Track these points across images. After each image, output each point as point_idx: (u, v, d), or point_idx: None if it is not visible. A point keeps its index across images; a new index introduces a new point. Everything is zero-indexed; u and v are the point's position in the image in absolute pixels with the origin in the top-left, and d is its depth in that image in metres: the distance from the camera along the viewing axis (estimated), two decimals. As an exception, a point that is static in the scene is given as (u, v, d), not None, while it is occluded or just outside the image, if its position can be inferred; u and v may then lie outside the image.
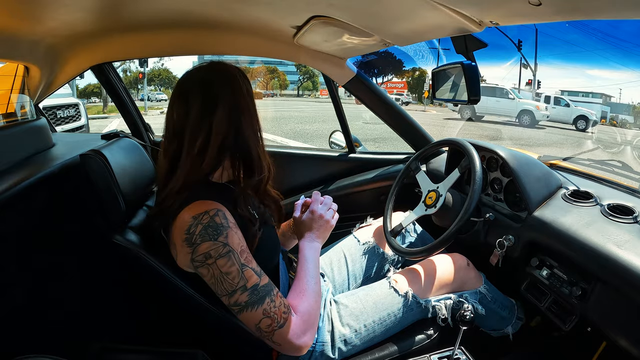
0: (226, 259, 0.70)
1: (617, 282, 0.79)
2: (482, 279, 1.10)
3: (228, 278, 0.70)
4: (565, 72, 26.92)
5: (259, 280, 0.72)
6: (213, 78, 0.79)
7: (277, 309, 0.72)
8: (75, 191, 0.96)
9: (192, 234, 0.71)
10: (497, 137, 9.88)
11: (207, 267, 0.71)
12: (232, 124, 0.77)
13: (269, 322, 0.71)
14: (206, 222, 0.70)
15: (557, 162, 1.28)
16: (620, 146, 8.27)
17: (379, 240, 1.22)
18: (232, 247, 0.71)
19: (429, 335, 1.00)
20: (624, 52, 20.70)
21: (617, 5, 0.60)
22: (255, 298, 0.71)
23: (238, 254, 0.71)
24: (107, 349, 0.77)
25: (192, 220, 0.71)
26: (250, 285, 0.71)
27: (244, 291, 0.70)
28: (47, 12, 0.89)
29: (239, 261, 0.71)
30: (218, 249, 0.70)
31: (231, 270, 0.70)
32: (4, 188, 0.79)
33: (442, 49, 15.25)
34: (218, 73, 0.80)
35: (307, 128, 9.60)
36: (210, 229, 0.70)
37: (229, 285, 0.70)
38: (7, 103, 1.15)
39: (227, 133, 0.77)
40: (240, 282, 0.70)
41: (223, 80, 0.79)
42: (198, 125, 0.76)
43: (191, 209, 0.72)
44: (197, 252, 0.71)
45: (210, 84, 0.78)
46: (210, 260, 0.70)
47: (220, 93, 0.77)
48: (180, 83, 0.81)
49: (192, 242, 0.71)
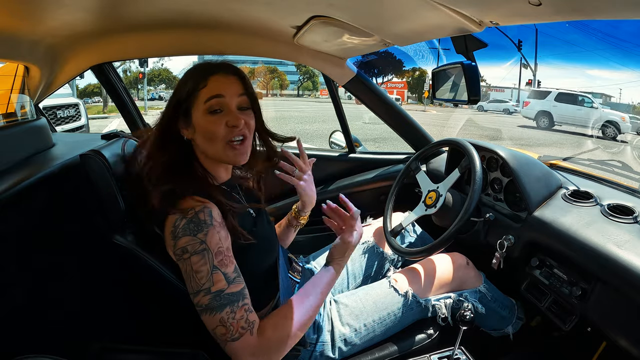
0: (200, 256, 0.70)
1: (617, 282, 0.79)
2: (481, 278, 1.10)
3: (197, 277, 0.70)
4: (565, 72, 26.92)
5: (225, 287, 0.70)
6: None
7: (235, 321, 0.70)
8: (75, 191, 0.96)
9: (176, 227, 0.71)
10: (497, 137, 9.88)
11: (183, 262, 0.71)
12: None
13: (224, 331, 0.70)
14: (190, 217, 0.71)
15: (557, 162, 1.28)
16: (620, 146, 8.26)
17: (379, 239, 1.22)
18: (209, 245, 0.70)
19: (429, 335, 1.00)
20: (624, 52, 20.72)
21: (617, 5, 0.60)
22: (215, 304, 0.69)
23: (213, 254, 0.71)
24: (107, 349, 0.77)
25: (179, 215, 0.72)
26: (214, 289, 0.70)
27: (207, 294, 0.69)
28: (47, 12, 0.89)
29: (212, 262, 0.70)
30: (195, 245, 0.70)
31: (201, 269, 0.70)
32: (4, 188, 0.79)
33: (442, 49, 15.27)
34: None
35: (307, 128, 9.61)
36: (193, 224, 0.71)
37: (195, 284, 0.70)
38: (7, 103, 1.15)
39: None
40: (206, 284, 0.70)
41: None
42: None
43: (181, 204, 0.73)
44: (177, 245, 0.71)
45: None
46: (186, 255, 0.70)
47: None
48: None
49: (175, 235, 0.71)
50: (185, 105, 0.78)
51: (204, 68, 0.79)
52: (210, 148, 0.79)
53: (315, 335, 0.92)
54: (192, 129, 0.78)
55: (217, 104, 0.77)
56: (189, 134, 0.79)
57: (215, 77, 0.78)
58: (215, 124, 0.77)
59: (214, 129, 0.77)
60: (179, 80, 0.81)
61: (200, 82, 0.77)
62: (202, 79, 0.77)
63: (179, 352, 0.80)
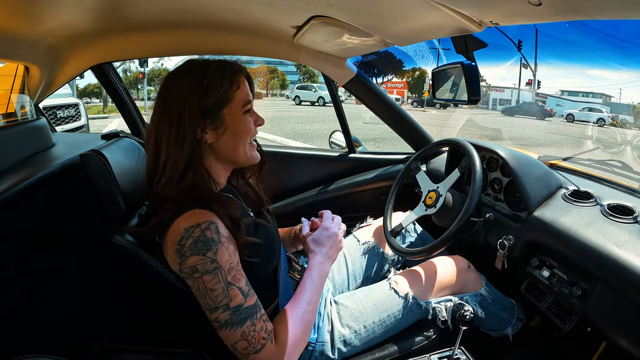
0: (212, 275, 0.69)
1: (617, 282, 0.79)
2: (482, 281, 1.10)
3: (212, 294, 0.69)
4: (565, 72, 26.91)
5: (243, 301, 0.70)
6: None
7: (257, 333, 0.70)
8: (75, 191, 0.96)
9: (183, 246, 0.70)
10: (497, 137, 9.88)
11: (193, 280, 0.70)
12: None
13: (245, 345, 0.70)
14: (197, 236, 0.69)
15: (557, 162, 1.28)
16: (620, 146, 8.26)
17: (379, 240, 1.22)
18: (220, 264, 0.70)
19: (429, 335, 1.00)
20: (624, 52, 20.71)
21: (617, 5, 0.60)
22: (236, 319, 0.69)
23: (226, 271, 0.70)
24: (107, 349, 0.77)
25: (184, 232, 0.70)
26: (233, 305, 0.69)
27: (226, 310, 0.69)
28: (47, 12, 0.89)
29: (225, 279, 0.70)
30: (205, 264, 0.69)
31: (216, 287, 0.69)
32: (4, 188, 0.79)
33: (442, 49, 15.26)
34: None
35: (307, 128, 9.60)
36: (200, 243, 0.69)
37: (212, 302, 0.69)
38: (7, 103, 1.15)
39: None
40: (223, 300, 0.69)
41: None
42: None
43: (185, 219, 0.71)
44: (185, 264, 0.70)
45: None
46: (197, 274, 0.69)
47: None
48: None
49: (182, 253, 0.70)
50: (216, 107, 0.76)
51: (228, 67, 0.79)
52: (238, 147, 0.81)
53: (314, 335, 0.92)
54: (221, 129, 0.77)
55: (251, 107, 0.82)
56: (212, 137, 0.77)
57: (242, 78, 0.80)
58: (251, 123, 0.81)
59: (249, 127, 0.81)
60: (196, 84, 0.75)
61: (233, 84, 0.78)
62: (235, 81, 0.78)
63: (179, 352, 0.80)
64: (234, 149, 0.80)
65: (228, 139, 0.78)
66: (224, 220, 0.74)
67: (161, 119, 0.76)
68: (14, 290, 0.83)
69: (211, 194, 0.78)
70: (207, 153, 0.79)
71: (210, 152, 0.80)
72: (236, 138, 0.79)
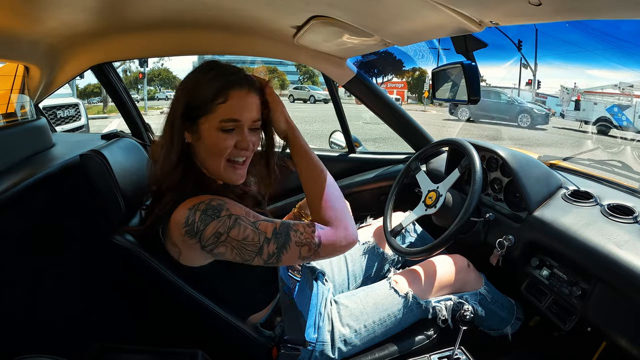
0: (237, 227, 0.70)
1: (617, 282, 0.79)
2: (482, 280, 1.10)
3: (248, 241, 0.71)
4: (565, 72, 26.90)
5: (274, 226, 0.73)
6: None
7: (306, 233, 0.73)
8: (75, 191, 0.96)
9: (192, 224, 0.70)
10: (497, 137, 9.87)
11: (223, 245, 0.70)
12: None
13: (307, 248, 0.73)
14: (203, 208, 0.71)
15: (557, 162, 1.28)
16: (620, 146, 8.25)
17: (379, 240, 1.22)
18: (237, 214, 0.71)
19: (429, 335, 1.00)
20: (624, 52, 20.69)
21: (617, 5, 0.60)
22: (281, 240, 0.72)
23: (245, 216, 0.72)
24: (107, 349, 0.77)
25: (188, 212, 0.71)
26: (270, 233, 0.72)
27: (269, 241, 0.71)
28: (47, 12, 0.89)
29: (249, 222, 0.72)
30: (225, 222, 0.70)
31: (247, 233, 0.71)
32: (4, 188, 0.79)
33: (442, 49, 15.24)
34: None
35: (307, 128, 9.60)
36: (210, 211, 0.70)
37: (252, 248, 0.71)
38: (7, 103, 1.15)
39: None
40: (260, 237, 0.71)
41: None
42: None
43: (186, 204, 0.72)
44: (205, 236, 0.70)
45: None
46: (223, 236, 0.70)
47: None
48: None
49: (196, 230, 0.70)
50: (195, 113, 0.74)
51: (225, 77, 0.74)
52: (211, 162, 0.77)
53: (315, 335, 0.92)
54: (196, 136, 0.76)
55: (232, 126, 0.74)
56: (189, 139, 0.77)
57: (236, 93, 0.73)
58: (225, 141, 0.74)
59: (222, 146, 0.74)
60: (189, 85, 0.76)
61: (219, 96, 0.72)
62: (222, 93, 0.72)
63: (178, 352, 0.80)
64: (208, 160, 0.78)
65: (201, 148, 0.77)
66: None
67: (166, 117, 0.79)
68: (14, 290, 0.83)
69: (209, 185, 0.79)
70: (194, 153, 0.80)
71: (195, 154, 0.80)
72: (207, 151, 0.76)
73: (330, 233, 0.75)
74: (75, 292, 0.98)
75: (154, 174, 0.79)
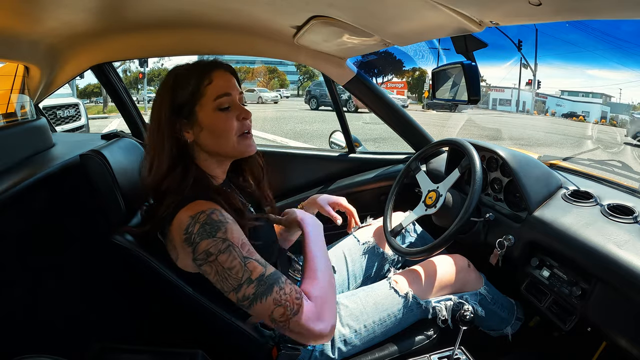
0: (227, 254, 0.69)
1: (617, 282, 0.79)
2: (482, 280, 1.10)
3: (232, 273, 0.69)
4: (565, 72, 26.88)
5: (264, 270, 0.71)
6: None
7: (288, 295, 0.70)
8: (75, 191, 0.96)
9: (191, 234, 0.70)
10: (497, 137, 9.87)
11: (210, 265, 0.70)
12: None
13: (282, 311, 0.69)
14: (203, 220, 0.70)
15: (557, 162, 1.28)
16: (620, 146, 8.25)
17: (379, 240, 1.22)
18: (232, 241, 0.70)
19: (429, 335, 1.00)
20: (624, 52, 20.68)
21: (617, 5, 0.60)
22: (262, 288, 0.69)
23: (239, 247, 0.70)
24: (107, 349, 0.77)
25: (190, 220, 0.71)
26: (255, 276, 0.69)
27: (250, 283, 0.69)
28: (47, 12, 0.89)
29: (240, 254, 0.70)
30: (217, 245, 0.69)
31: (234, 264, 0.69)
32: (4, 188, 0.79)
33: (442, 49, 15.22)
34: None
35: (307, 128, 9.59)
36: (208, 227, 0.70)
37: (234, 280, 0.69)
38: (7, 103, 1.15)
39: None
40: (244, 275, 0.69)
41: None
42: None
43: (188, 209, 0.72)
44: (198, 250, 0.70)
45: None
46: (212, 257, 0.69)
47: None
48: None
49: (192, 241, 0.70)
50: (188, 107, 0.77)
51: (202, 65, 0.79)
52: (221, 144, 0.79)
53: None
54: (197, 128, 0.78)
55: (227, 102, 0.78)
56: (191, 136, 0.79)
57: (217, 73, 0.78)
58: (227, 120, 0.78)
59: (226, 126, 0.78)
60: (169, 82, 0.78)
61: (203, 80, 0.77)
62: (205, 76, 0.77)
63: (178, 352, 0.80)
64: (217, 146, 0.80)
65: (207, 136, 0.79)
66: (225, 209, 0.75)
67: (150, 121, 0.80)
68: (14, 290, 0.83)
69: (209, 187, 0.79)
70: (197, 150, 0.81)
71: (199, 149, 0.81)
72: (215, 135, 0.78)
73: (312, 311, 0.71)
74: (75, 292, 0.98)
75: (152, 180, 0.78)
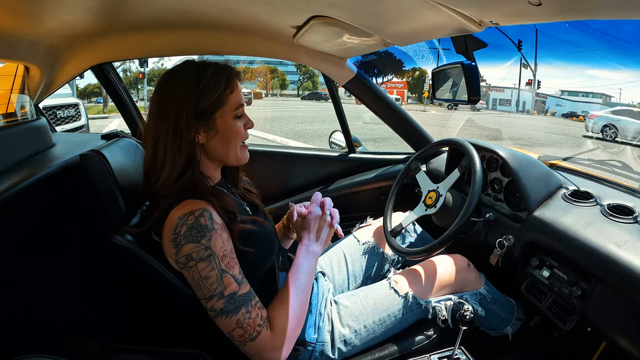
0: (206, 262, 0.70)
1: (617, 282, 0.79)
2: (482, 280, 1.10)
3: (207, 282, 0.70)
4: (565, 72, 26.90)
5: (237, 289, 0.71)
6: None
7: (252, 320, 0.72)
8: (75, 191, 0.96)
9: (178, 235, 0.71)
10: (497, 137, 9.87)
11: (189, 270, 0.71)
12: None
13: (241, 333, 0.71)
14: (190, 223, 0.70)
15: (557, 162, 1.28)
16: (620, 146, 8.25)
17: (379, 240, 1.22)
18: (214, 250, 0.70)
19: (429, 335, 1.00)
20: (624, 52, 20.70)
21: (617, 5, 0.60)
22: (230, 307, 0.70)
23: (219, 258, 0.71)
24: (107, 349, 0.77)
25: (178, 221, 0.71)
26: (227, 293, 0.70)
27: (220, 298, 0.70)
28: (47, 12, 0.89)
29: (219, 266, 0.70)
30: (200, 251, 0.70)
31: (210, 275, 0.70)
32: (4, 188, 0.79)
33: (442, 49, 15.26)
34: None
35: (307, 128, 9.60)
36: (194, 231, 0.70)
37: (206, 290, 0.70)
38: (7, 103, 1.15)
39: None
40: (217, 288, 0.70)
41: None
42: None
43: (179, 209, 0.72)
44: (180, 253, 0.71)
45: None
46: (192, 262, 0.70)
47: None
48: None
49: (177, 242, 0.71)
50: (209, 112, 0.78)
51: (227, 73, 0.79)
52: (228, 150, 0.82)
53: (315, 335, 0.92)
54: (212, 132, 0.79)
55: (242, 111, 0.82)
56: (204, 138, 0.79)
57: (236, 81, 0.81)
58: (240, 127, 0.82)
59: (238, 132, 0.81)
60: (190, 86, 0.76)
61: (227, 89, 0.78)
62: (229, 85, 0.79)
63: (178, 352, 0.80)
64: (225, 151, 0.82)
65: (218, 141, 0.80)
66: (217, 210, 0.74)
67: (158, 120, 0.78)
68: (14, 290, 0.83)
69: (205, 187, 0.79)
70: (200, 152, 0.81)
71: (202, 151, 0.81)
72: (226, 141, 0.80)
73: (268, 341, 0.73)
74: (75, 292, 0.98)
75: (163, 181, 0.77)
